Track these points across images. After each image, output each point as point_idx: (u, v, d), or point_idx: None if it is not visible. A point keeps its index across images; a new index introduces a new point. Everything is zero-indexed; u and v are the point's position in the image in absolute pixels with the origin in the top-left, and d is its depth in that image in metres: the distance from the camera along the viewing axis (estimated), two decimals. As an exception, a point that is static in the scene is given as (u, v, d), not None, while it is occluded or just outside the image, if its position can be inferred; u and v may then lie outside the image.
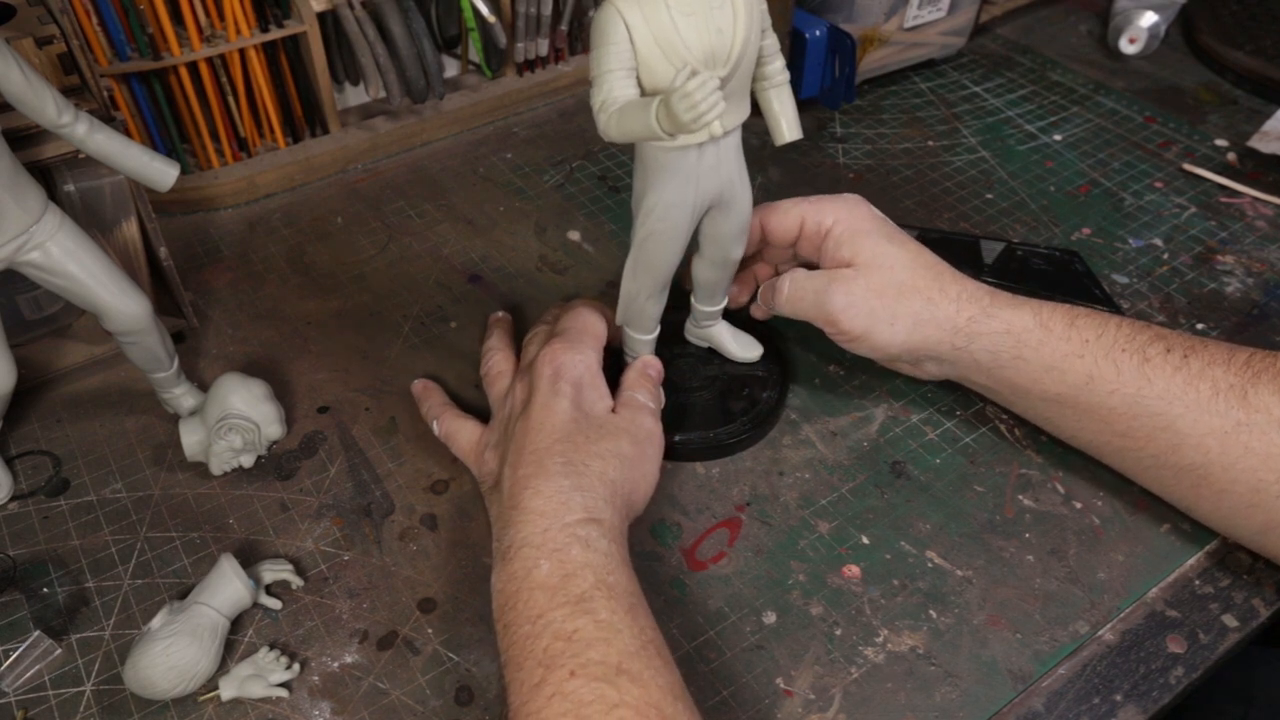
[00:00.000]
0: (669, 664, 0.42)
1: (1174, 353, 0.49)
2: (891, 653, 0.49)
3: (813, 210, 0.55)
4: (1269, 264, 0.70)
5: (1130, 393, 0.49)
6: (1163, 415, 0.49)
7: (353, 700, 0.47)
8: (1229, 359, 0.49)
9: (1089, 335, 0.51)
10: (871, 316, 0.53)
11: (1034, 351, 0.51)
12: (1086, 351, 0.50)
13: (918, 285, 0.53)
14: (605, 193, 0.77)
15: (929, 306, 0.53)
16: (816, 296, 0.54)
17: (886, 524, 0.54)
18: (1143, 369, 0.49)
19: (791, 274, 0.56)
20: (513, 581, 0.44)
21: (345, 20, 0.73)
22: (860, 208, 0.56)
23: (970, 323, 0.52)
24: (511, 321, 0.63)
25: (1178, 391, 0.48)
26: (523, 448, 0.49)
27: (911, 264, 0.53)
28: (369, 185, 0.78)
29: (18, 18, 0.53)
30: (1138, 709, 0.47)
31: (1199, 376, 0.48)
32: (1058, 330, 0.51)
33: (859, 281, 0.53)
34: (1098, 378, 0.50)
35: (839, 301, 0.53)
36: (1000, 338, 0.52)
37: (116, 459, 0.57)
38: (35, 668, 0.48)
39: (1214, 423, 0.48)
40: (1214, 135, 0.82)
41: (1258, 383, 0.47)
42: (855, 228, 0.54)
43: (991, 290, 0.53)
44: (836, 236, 0.55)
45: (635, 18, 0.42)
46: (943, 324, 0.53)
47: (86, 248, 0.50)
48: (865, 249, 0.54)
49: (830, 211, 0.55)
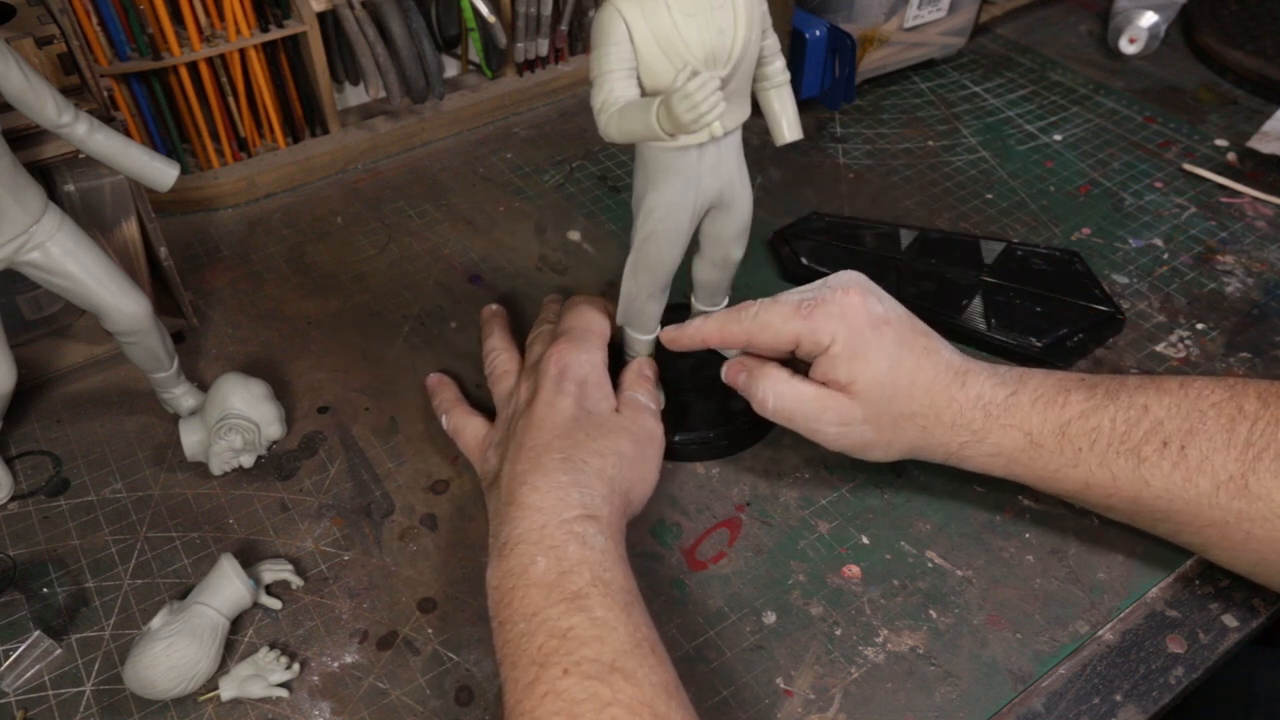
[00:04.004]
0: (664, 662, 0.42)
1: (1170, 446, 0.47)
2: (891, 653, 0.49)
3: (808, 330, 0.50)
4: (1269, 264, 0.70)
5: (1129, 495, 0.49)
6: (1163, 511, 0.48)
7: (353, 700, 0.47)
8: (1229, 441, 0.46)
9: (1081, 444, 0.49)
10: (866, 446, 0.52)
11: (1026, 469, 0.50)
12: (1080, 461, 0.49)
13: (914, 413, 0.50)
14: (605, 193, 0.77)
15: (924, 435, 0.51)
16: (807, 423, 0.51)
17: (886, 524, 0.54)
18: (1139, 471, 0.48)
19: (773, 384, 0.52)
20: (509, 578, 0.44)
21: (345, 20, 0.73)
22: (859, 319, 0.50)
23: (963, 448, 0.51)
24: (507, 315, 0.63)
25: (1177, 490, 0.47)
26: (522, 444, 0.49)
27: (909, 389, 0.50)
28: (369, 185, 0.78)
29: (18, 18, 0.53)
30: (1138, 709, 0.47)
31: (1197, 471, 0.47)
32: (1049, 445, 0.49)
33: (854, 411, 0.50)
34: (1094, 485, 0.49)
35: (832, 432, 0.51)
36: (991, 460, 0.51)
37: (116, 459, 0.57)
38: (35, 668, 0.48)
39: (1214, 515, 0.47)
40: (1214, 135, 0.82)
41: (1258, 465, 0.46)
42: (854, 352, 0.50)
43: (987, 401, 0.50)
44: (833, 357, 0.50)
45: (635, 18, 0.42)
46: (936, 450, 0.52)
47: (86, 248, 0.50)
48: (863, 377, 0.50)
49: (828, 330, 0.50)
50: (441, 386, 0.59)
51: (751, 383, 0.53)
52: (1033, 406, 0.50)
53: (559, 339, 0.54)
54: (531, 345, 0.57)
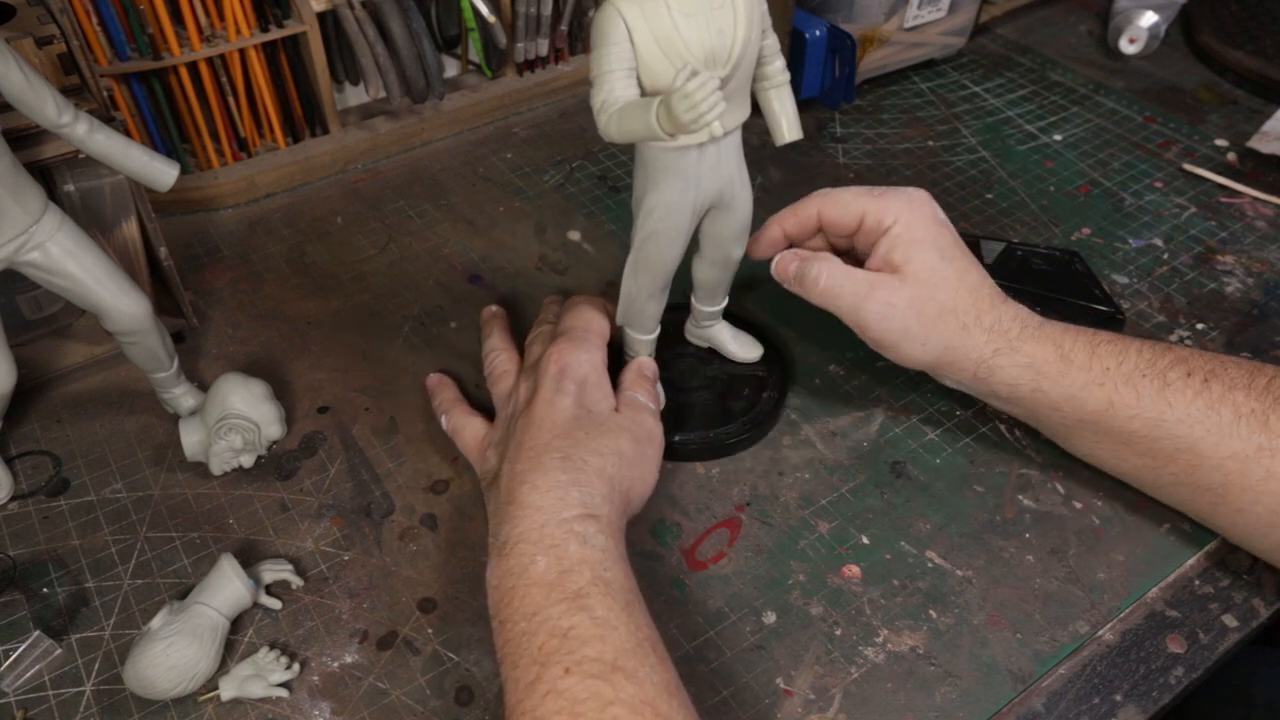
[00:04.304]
0: (665, 661, 0.42)
1: (1194, 376, 0.49)
2: (891, 653, 0.49)
3: (875, 206, 0.53)
4: (1269, 264, 0.70)
5: (1151, 417, 0.49)
6: (1183, 438, 0.49)
7: (353, 700, 0.47)
8: (1250, 383, 0.48)
9: (1109, 363, 0.50)
10: (905, 333, 0.52)
11: (1054, 383, 0.51)
12: (1107, 379, 0.50)
13: (958, 308, 0.52)
14: (605, 193, 0.77)
15: (961, 334, 0.52)
16: (854, 300, 0.52)
17: (886, 524, 0.54)
18: (1163, 393, 0.49)
19: (827, 264, 0.53)
20: (509, 577, 0.44)
21: (345, 20, 0.73)
22: (924, 209, 0.54)
23: (995, 355, 0.52)
24: (507, 316, 0.63)
25: (1199, 415, 0.48)
26: (522, 444, 0.49)
27: (957, 284, 0.52)
28: (369, 185, 0.78)
29: (18, 18, 0.53)
30: (1138, 709, 0.47)
31: (1220, 401, 0.48)
32: (1079, 360, 0.51)
33: (902, 293, 0.52)
34: (1118, 404, 0.50)
35: (877, 310, 0.52)
36: (1021, 371, 0.52)
37: (116, 459, 0.57)
38: (35, 668, 0.48)
39: (1235, 446, 0.47)
40: (1214, 135, 0.82)
41: (1279, 409, 0.47)
42: (913, 235, 0.52)
43: (1024, 318, 0.52)
44: (893, 237, 0.53)
45: (635, 18, 0.42)
46: (970, 354, 0.52)
47: (86, 248, 0.50)
48: (916, 260, 0.52)
49: (893, 210, 0.53)
50: (441, 386, 0.59)
51: (804, 266, 0.54)
52: (1065, 330, 0.52)
53: (559, 339, 0.54)
54: (531, 345, 0.57)
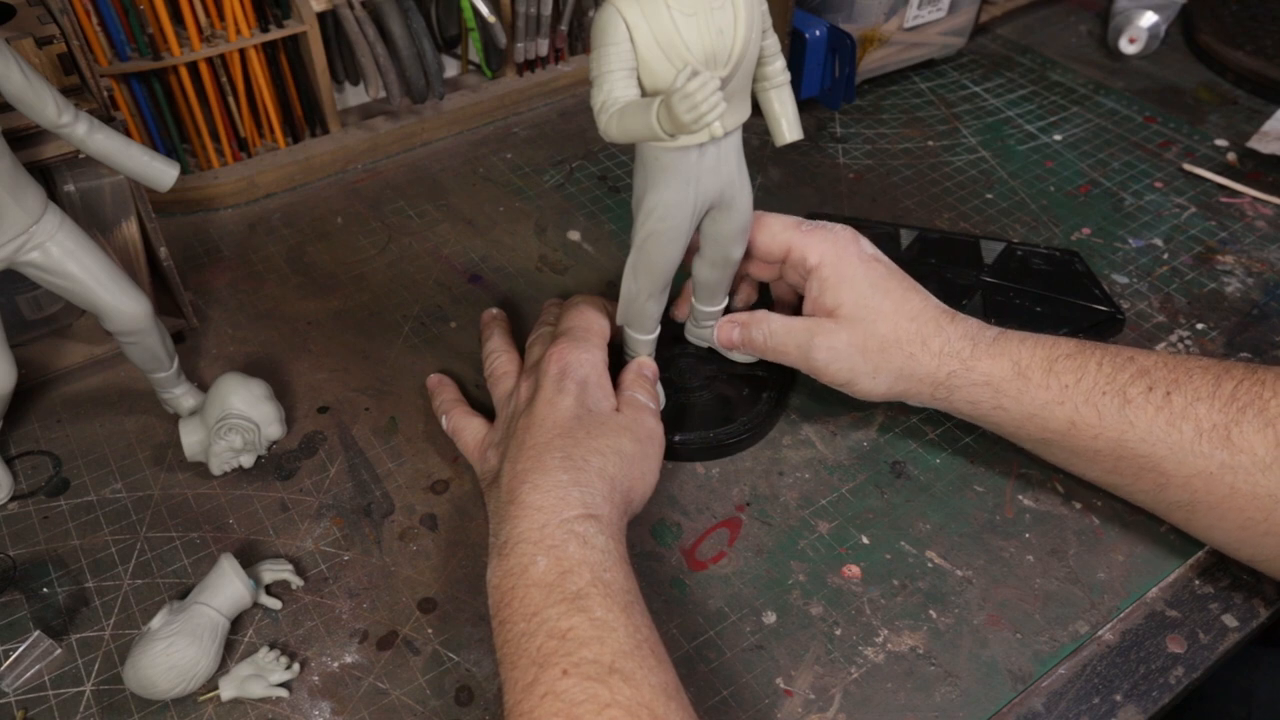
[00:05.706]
0: (664, 663, 0.42)
1: (1156, 391, 0.48)
2: (891, 653, 0.49)
3: (800, 242, 0.54)
4: (1269, 264, 0.70)
5: (1113, 437, 0.49)
6: (1147, 457, 0.49)
7: (353, 700, 0.47)
8: (1213, 393, 0.48)
9: (1068, 380, 0.50)
10: (853, 370, 0.53)
11: (1014, 401, 0.51)
12: (1066, 398, 0.50)
13: (900, 339, 0.52)
14: (605, 193, 0.77)
15: (910, 362, 0.52)
16: (799, 351, 0.54)
17: (886, 524, 0.54)
18: (1124, 411, 0.49)
19: (765, 323, 0.55)
20: (509, 578, 0.44)
21: (345, 20, 0.73)
22: (849, 249, 0.54)
23: (950, 377, 0.52)
24: (507, 318, 0.63)
25: (1160, 434, 0.48)
26: (523, 443, 0.49)
27: (895, 315, 0.53)
28: (369, 185, 0.78)
29: (18, 18, 0.53)
30: (1138, 709, 0.47)
31: (1181, 417, 0.48)
32: (1036, 378, 0.51)
33: (841, 335, 0.53)
34: (1079, 424, 0.50)
35: (822, 356, 0.53)
36: (979, 389, 0.52)
37: (116, 459, 0.57)
38: (35, 668, 0.48)
39: (1198, 464, 0.47)
40: (1214, 135, 0.82)
41: (1241, 420, 0.47)
42: (841, 273, 0.53)
43: (975, 335, 0.52)
44: (821, 279, 0.54)
45: (636, 18, 0.42)
46: (924, 379, 0.53)
47: (86, 248, 0.50)
48: (848, 300, 0.53)
49: (816, 250, 0.54)
50: (441, 387, 0.59)
51: (745, 331, 0.56)
52: (1021, 342, 0.52)
53: (559, 339, 0.54)
54: (531, 347, 0.57)
